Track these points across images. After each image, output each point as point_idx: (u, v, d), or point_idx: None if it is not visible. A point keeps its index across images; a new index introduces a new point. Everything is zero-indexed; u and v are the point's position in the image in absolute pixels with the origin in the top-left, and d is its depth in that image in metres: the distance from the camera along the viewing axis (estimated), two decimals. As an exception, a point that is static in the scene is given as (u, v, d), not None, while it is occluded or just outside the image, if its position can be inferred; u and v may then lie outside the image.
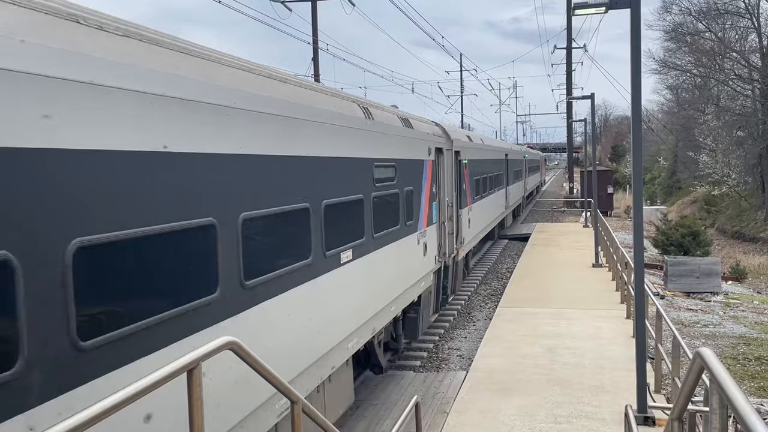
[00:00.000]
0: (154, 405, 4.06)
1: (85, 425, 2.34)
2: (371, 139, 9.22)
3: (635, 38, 7.86)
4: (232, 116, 5.27)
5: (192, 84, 4.77)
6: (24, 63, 3.34)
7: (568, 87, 52.96)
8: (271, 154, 5.98)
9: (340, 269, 7.71)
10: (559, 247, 25.38)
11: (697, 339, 15.94)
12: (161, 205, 4.36)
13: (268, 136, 5.90)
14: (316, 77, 33.11)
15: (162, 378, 2.82)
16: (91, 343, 3.70)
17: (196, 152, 4.77)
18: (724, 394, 2.77)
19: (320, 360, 7.08)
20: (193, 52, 5.05)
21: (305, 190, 6.70)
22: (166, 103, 4.44)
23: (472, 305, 18.24)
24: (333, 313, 7.49)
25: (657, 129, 71.24)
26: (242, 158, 5.43)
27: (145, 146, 4.22)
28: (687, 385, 3.85)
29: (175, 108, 4.53)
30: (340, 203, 7.70)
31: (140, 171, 4.16)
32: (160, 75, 4.40)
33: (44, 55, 3.47)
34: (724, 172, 48.04)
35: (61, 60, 3.58)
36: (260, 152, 5.75)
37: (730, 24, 50.35)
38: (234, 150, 5.31)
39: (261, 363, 3.80)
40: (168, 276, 4.45)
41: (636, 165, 8.39)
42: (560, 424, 8.41)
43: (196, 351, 3.13)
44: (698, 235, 30.06)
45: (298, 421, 4.33)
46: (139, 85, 4.17)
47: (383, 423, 9.51)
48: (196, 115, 4.79)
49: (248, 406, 5.41)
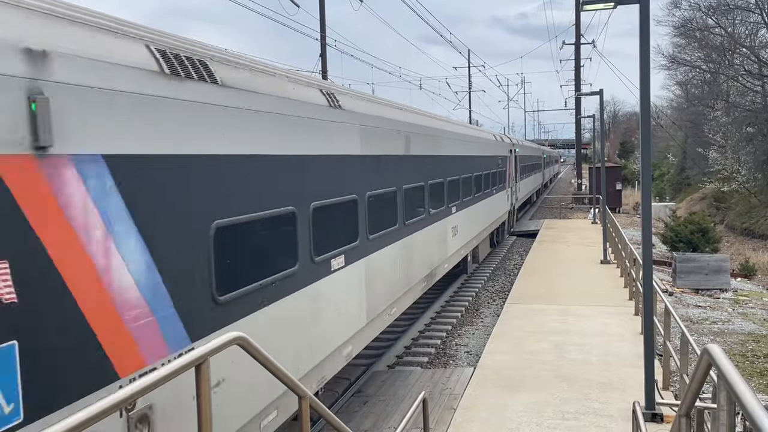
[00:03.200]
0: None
1: (95, 418, 2.36)
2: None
3: (644, 34, 7.82)
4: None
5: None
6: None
7: (576, 83, 52.71)
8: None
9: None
10: (567, 244, 25.31)
11: (706, 336, 15.89)
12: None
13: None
14: (324, 73, 33.10)
15: (171, 372, 2.84)
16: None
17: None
18: (731, 390, 2.77)
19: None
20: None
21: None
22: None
23: (480, 302, 18.23)
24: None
25: (666, 125, 70.87)
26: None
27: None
28: (695, 382, 3.84)
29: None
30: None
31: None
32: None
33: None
34: (734, 168, 47.75)
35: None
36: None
37: (740, 19, 50.03)
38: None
39: (269, 358, 3.81)
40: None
41: (645, 161, 8.36)
42: (568, 420, 8.40)
43: (203, 346, 3.15)
44: (707, 231, 29.93)
45: (306, 416, 4.35)
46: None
47: (390, 419, 9.52)
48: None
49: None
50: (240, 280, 5.38)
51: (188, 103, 4.68)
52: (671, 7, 54.58)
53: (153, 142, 4.30)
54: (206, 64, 5.08)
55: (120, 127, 4.00)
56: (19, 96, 3.32)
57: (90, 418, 2.33)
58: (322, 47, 33.66)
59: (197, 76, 4.84)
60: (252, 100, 5.68)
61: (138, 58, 4.25)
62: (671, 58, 57.84)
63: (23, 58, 3.36)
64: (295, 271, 6.43)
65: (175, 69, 4.58)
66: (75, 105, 3.66)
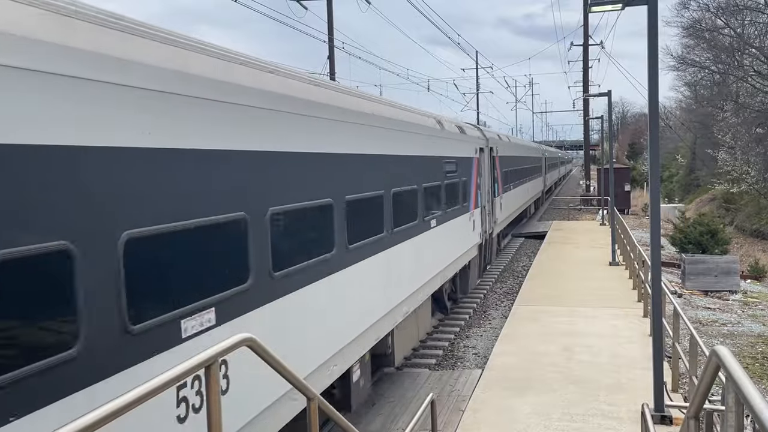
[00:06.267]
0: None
1: (109, 418, 2.37)
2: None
3: (652, 35, 7.81)
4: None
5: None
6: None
7: (584, 84, 52.58)
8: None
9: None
10: (576, 245, 25.25)
11: (715, 338, 15.81)
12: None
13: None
14: (332, 75, 33.15)
15: (181, 374, 2.85)
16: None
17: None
18: (740, 392, 2.77)
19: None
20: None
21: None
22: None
23: (488, 303, 18.21)
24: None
25: (675, 126, 70.59)
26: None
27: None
28: (703, 384, 3.84)
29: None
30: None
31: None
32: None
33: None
34: (743, 169, 47.45)
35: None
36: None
37: (749, 20, 49.75)
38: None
39: (278, 359, 3.82)
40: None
41: (653, 162, 8.34)
42: (576, 422, 8.38)
43: (213, 348, 3.16)
44: (716, 233, 29.78)
45: (315, 417, 4.36)
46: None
47: (399, 420, 9.53)
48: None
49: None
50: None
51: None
52: (679, 7, 54.35)
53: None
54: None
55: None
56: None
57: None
58: (329, 49, 33.72)
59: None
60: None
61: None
62: (680, 59, 57.60)
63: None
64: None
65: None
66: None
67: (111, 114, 3.97)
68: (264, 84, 5.92)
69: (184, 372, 2.88)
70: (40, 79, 3.49)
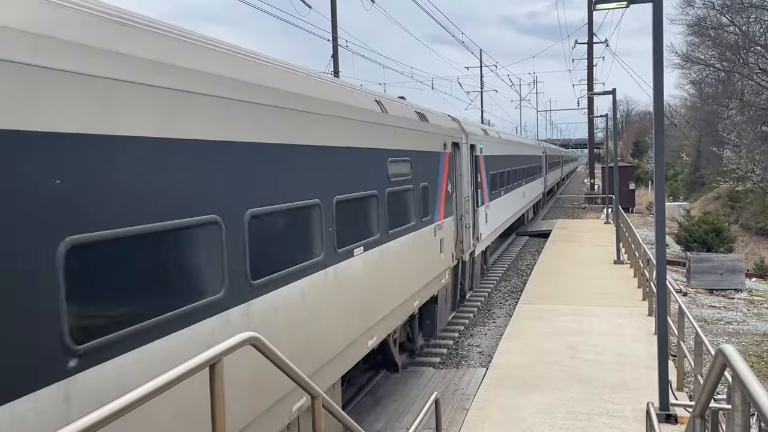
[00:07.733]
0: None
1: (109, 419, 2.38)
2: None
3: (657, 33, 7.78)
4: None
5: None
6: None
7: (589, 82, 52.52)
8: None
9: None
10: (580, 244, 25.22)
11: (720, 336, 15.76)
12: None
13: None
14: (335, 73, 33.17)
15: (185, 372, 2.86)
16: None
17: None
18: (746, 391, 2.75)
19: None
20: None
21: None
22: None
23: (492, 302, 18.19)
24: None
25: (680, 124, 70.40)
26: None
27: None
28: (709, 383, 3.82)
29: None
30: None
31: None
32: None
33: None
34: (749, 167, 47.28)
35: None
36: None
37: (754, 17, 49.55)
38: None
39: (281, 358, 3.83)
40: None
41: (658, 161, 8.31)
42: (581, 421, 8.37)
43: (216, 347, 3.16)
44: (721, 231, 29.69)
45: (319, 416, 4.36)
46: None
47: (403, 419, 9.53)
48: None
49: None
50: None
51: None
52: (684, 5, 54.13)
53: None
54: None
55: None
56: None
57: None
58: (333, 48, 33.73)
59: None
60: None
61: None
62: (685, 56, 57.41)
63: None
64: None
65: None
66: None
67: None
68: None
69: (189, 370, 2.88)
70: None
